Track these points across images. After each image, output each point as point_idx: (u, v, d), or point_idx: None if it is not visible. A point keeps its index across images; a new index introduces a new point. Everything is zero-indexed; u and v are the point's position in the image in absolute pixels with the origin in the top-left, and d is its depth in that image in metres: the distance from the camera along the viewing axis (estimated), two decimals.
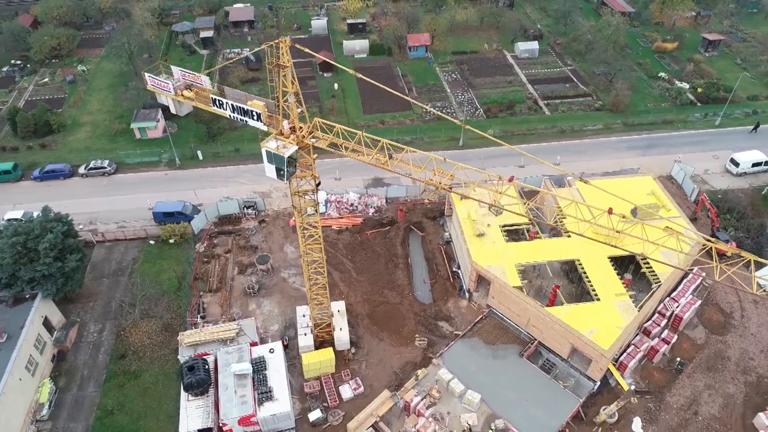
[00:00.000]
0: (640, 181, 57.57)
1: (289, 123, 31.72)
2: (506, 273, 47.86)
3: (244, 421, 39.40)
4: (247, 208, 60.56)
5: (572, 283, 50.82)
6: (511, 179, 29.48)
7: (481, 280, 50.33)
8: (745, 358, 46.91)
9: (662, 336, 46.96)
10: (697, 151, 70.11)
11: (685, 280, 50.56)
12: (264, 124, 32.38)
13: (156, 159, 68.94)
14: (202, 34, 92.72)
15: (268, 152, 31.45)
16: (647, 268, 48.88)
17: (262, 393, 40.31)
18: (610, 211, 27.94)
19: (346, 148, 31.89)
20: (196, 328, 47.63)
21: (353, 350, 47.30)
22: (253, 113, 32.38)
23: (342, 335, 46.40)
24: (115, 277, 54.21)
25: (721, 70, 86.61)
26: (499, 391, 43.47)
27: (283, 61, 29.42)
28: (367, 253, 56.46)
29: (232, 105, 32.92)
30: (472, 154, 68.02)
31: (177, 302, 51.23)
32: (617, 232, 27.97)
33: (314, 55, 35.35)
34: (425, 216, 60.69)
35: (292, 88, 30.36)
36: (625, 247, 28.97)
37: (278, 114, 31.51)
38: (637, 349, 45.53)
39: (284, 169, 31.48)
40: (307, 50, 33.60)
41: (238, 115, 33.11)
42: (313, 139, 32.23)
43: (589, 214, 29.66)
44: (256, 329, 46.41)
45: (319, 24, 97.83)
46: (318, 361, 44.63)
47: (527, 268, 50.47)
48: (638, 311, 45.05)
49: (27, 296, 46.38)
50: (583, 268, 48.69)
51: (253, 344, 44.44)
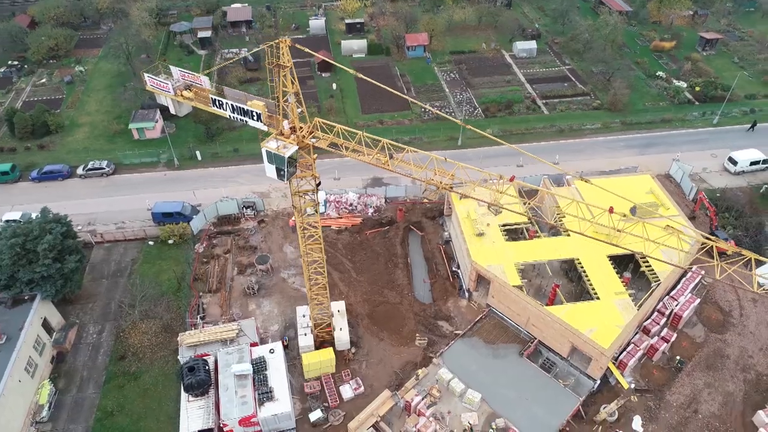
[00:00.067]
0: (639, 180, 57.64)
1: (289, 123, 31.69)
2: (506, 272, 47.88)
3: (245, 422, 39.35)
4: (246, 208, 60.49)
5: (572, 282, 50.88)
6: (512, 179, 29.50)
7: (481, 280, 50.33)
8: (744, 356, 47.04)
9: (662, 334, 47.07)
10: (696, 150, 70.29)
11: (684, 279, 50.69)
12: (264, 124, 32.35)
13: (154, 159, 68.81)
14: (200, 35, 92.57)
15: (268, 152, 31.41)
16: (646, 267, 48.97)
17: (263, 393, 40.28)
18: (611, 210, 27.98)
19: (347, 148, 31.85)
20: (195, 328, 47.56)
21: (353, 350, 47.29)
22: (253, 113, 32.34)
23: (342, 335, 46.39)
24: (114, 278, 54.10)
25: (719, 69, 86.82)
26: (500, 391, 43.50)
27: (284, 61, 29.41)
28: (367, 253, 56.43)
29: (232, 105, 32.87)
30: (471, 154, 68.03)
31: (176, 303, 51.16)
32: (618, 231, 28.02)
33: (315, 55, 35.32)
34: (424, 216, 60.69)
35: (293, 88, 30.34)
36: (625, 246, 28.98)
37: (278, 114, 31.48)
38: (637, 348, 45.62)
39: (284, 169, 31.45)
40: (308, 50, 33.57)
41: (238, 116, 33.05)
42: (313, 139, 32.20)
43: (590, 213, 29.68)
44: (256, 329, 46.37)
45: (317, 24, 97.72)
46: (318, 361, 44.63)
47: (527, 268, 50.50)
48: (638, 310, 45.10)
49: (26, 297, 46.29)
50: (582, 267, 48.73)
51: (253, 344, 44.40)
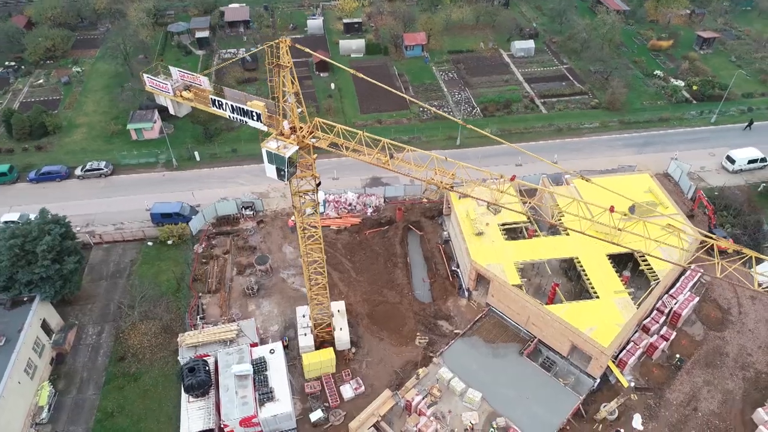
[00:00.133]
0: (637, 179, 57.73)
1: (289, 123, 31.66)
2: (505, 271, 47.93)
3: (246, 422, 39.29)
4: (245, 208, 60.41)
5: (571, 281, 50.98)
6: (513, 178, 29.52)
7: (481, 279, 50.38)
8: (744, 354, 47.19)
9: (661, 333, 47.19)
10: (693, 149, 70.47)
11: (683, 277, 50.80)
12: (264, 124, 32.32)
13: (153, 160, 68.67)
14: (198, 35, 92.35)
15: (268, 152, 31.37)
16: (645, 266, 49.08)
17: (264, 394, 40.22)
18: (612, 209, 28.02)
19: (347, 148, 31.82)
20: (195, 329, 47.49)
21: (353, 350, 47.27)
22: (253, 114, 32.32)
23: (342, 335, 46.37)
24: (113, 279, 53.99)
25: (716, 68, 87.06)
26: (500, 390, 43.55)
27: (284, 62, 29.39)
28: (366, 253, 56.42)
29: (231, 106, 32.82)
30: (470, 153, 68.05)
31: (176, 304, 51.07)
32: (619, 230, 28.06)
33: (315, 55, 35.27)
34: (423, 215, 60.70)
35: (292, 88, 30.32)
36: (626, 245, 29.03)
37: (278, 114, 31.45)
38: (637, 346, 45.72)
39: (285, 170, 31.43)
40: (308, 50, 33.54)
41: (238, 116, 33.00)
42: (313, 139, 32.17)
43: (590, 213, 29.70)
44: (256, 330, 46.32)
45: (315, 24, 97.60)
46: (318, 361, 44.61)
47: (526, 267, 50.59)
48: (637, 308, 45.20)
49: (25, 299, 46.12)
50: (581, 266, 48.82)
51: (253, 345, 44.35)
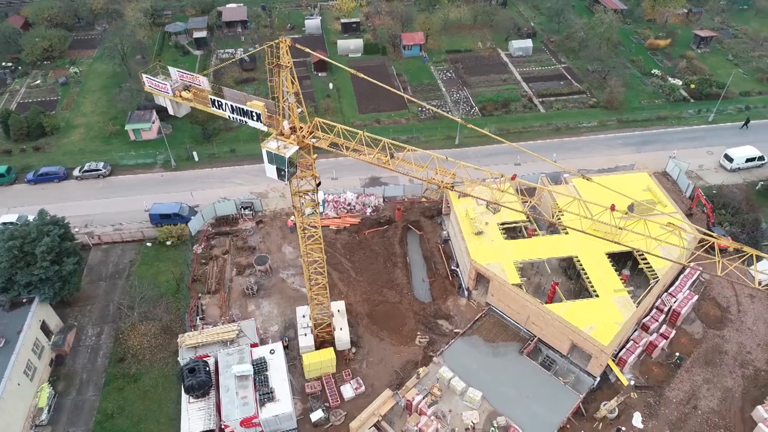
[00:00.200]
0: (636, 178, 57.86)
1: (289, 123, 31.63)
2: (505, 271, 47.97)
3: (246, 423, 39.24)
4: (245, 208, 60.32)
5: (570, 280, 51.05)
6: (514, 177, 29.56)
7: (480, 278, 50.42)
8: (743, 352, 47.31)
9: (660, 331, 47.30)
10: (691, 147, 70.65)
11: (682, 276, 50.92)
12: (264, 124, 32.29)
13: (151, 160, 68.52)
14: (196, 35, 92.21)
15: (268, 153, 31.34)
16: (645, 264, 49.19)
17: (264, 394, 40.19)
18: (613, 208, 28.07)
19: (347, 148, 31.81)
20: (195, 330, 47.42)
21: (354, 350, 47.27)
22: (253, 114, 32.29)
23: (342, 335, 46.36)
24: (113, 279, 53.87)
25: (713, 67, 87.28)
26: (500, 389, 43.60)
27: (284, 62, 29.38)
28: (366, 253, 56.42)
29: (231, 106, 32.78)
30: (469, 153, 68.10)
31: (175, 304, 50.98)
32: (620, 229, 28.13)
33: (315, 55, 35.27)
34: (423, 215, 60.72)
35: (292, 88, 30.30)
36: (626, 244, 29.09)
37: (278, 114, 31.42)
38: (636, 345, 45.81)
39: (285, 170, 31.41)
40: (308, 50, 33.55)
41: (238, 116, 32.97)
42: (313, 139, 32.16)
43: (593, 211, 29.76)
44: (256, 330, 46.28)
45: (313, 23, 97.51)
46: (319, 361, 44.59)
47: (526, 266, 50.66)
48: (636, 307, 45.29)
49: (24, 300, 45.98)
50: (581, 265, 48.89)
51: (254, 345, 44.31)
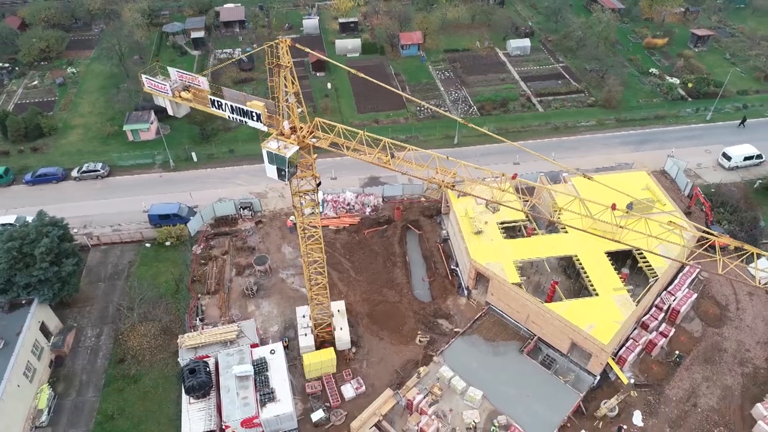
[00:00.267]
0: (635, 176, 57.94)
1: (289, 123, 31.61)
2: (505, 270, 48.02)
3: (247, 423, 39.20)
4: (244, 209, 60.26)
5: (570, 279, 51.12)
6: (515, 177, 29.61)
7: (480, 278, 50.46)
8: (742, 350, 47.43)
9: (660, 329, 47.40)
10: (690, 146, 70.81)
11: (681, 274, 51.02)
12: (264, 124, 32.26)
13: (150, 161, 68.38)
14: (193, 35, 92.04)
15: (269, 153, 31.32)
16: (644, 263, 49.29)
17: (265, 394, 40.18)
18: (614, 207, 28.14)
19: (348, 148, 31.81)
20: (195, 330, 47.36)
21: (354, 350, 47.26)
22: (253, 114, 32.26)
23: (343, 335, 46.35)
24: (112, 280, 53.77)
25: (711, 65, 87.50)
26: (500, 388, 43.64)
27: (284, 62, 29.36)
28: (365, 253, 56.41)
29: (231, 106, 32.74)
30: (468, 152, 68.05)
31: (175, 305, 50.91)
32: (620, 228, 28.20)
33: (315, 54, 35.24)
34: (422, 214, 60.73)
35: (293, 88, 30.28)
36: (627, 242, 29.17)
37: (278, 114, 31.39)
38: (636, 343, 45.88)
39: (285, 170, 31.39)
40: (308, 50, 33.53)
41: (238, 116, 32.93)
42: (313, 139, 32.14)
43: (593, 210, 29.81)
44: (256, 331, 46.25)
45: (311, 23, 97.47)
46: (319, 361, 44.58)
47: (525, 265, 50.71)
48: (636, 305, 45.39)
49: (23, 302, 45.89)
50: (580, 264, 48.98)
51: (254, 346, 44.28)
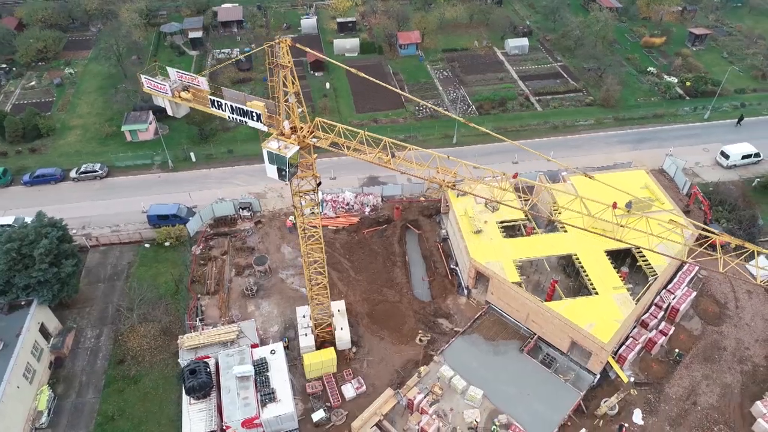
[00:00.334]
0: (634, 175, 58.02)
1: (289, 123, 31.58)
2: (504, 269, 48.04)
3: (248, 423, 39.17)
4: (243, 209, 60.20)
5: (570, 278, 51.19)
6: (515, 176, 29.64)
7: (480, 277, 50.50)
8: (741, 348, 47.57)
9: (660, 328, 47.50)
10: (688, 145, 70.97)
11: (680, 272, 51.14)
12: (264, 124, 32.23)
13: (148, 161, 68.24)
14: (191, 35, 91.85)
15: (269, 153, 31.29)
16: (643, 261, 49.38)
17: (265, 395, 40.16)
18: (615, 206, 28.20)
19: (348, 148, 31.80)
20: (195, 331, 47.29)
21: (354, 349, 47.25)
22: (253, 114, 32.22)
23: (343, 335, 46.34)
24: (111, 281, 53.66)
25: (709, 64, 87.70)
26: (501, 387, 43.70)
27: (284, 61, 29.34)
28: (365, 252, 56.40)
29: (231, 106, 32.69)
30: (467, 152, 68.04)
31: (175, 305, 50.85)
32: (621, 226, 28.26)
33: (315, 54, 35.22)
34: (421, 214, 60.75)
35: (293, 88, 30.25)
36: (627, 241, 29.23)
37: (278, 114, 31.36)
38: (636, 342, 45.97)
39: (286, 170, 31.36)
40: (307, 49, 33.49)
41: (238, 116, 32.89)
42: (314, 139, 32.13)
43: (593, 209, 29.87)
44: (256, 331, 46.21)
45: (309, 23, 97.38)
46: (320, 361, 44.57)
47: (525, 264, 50.76)
48: (636, 304, 45.47)
49: (22, 303, 45.78)
50: (580, 263, 49.03)
51: (254, 346, 44.25)
